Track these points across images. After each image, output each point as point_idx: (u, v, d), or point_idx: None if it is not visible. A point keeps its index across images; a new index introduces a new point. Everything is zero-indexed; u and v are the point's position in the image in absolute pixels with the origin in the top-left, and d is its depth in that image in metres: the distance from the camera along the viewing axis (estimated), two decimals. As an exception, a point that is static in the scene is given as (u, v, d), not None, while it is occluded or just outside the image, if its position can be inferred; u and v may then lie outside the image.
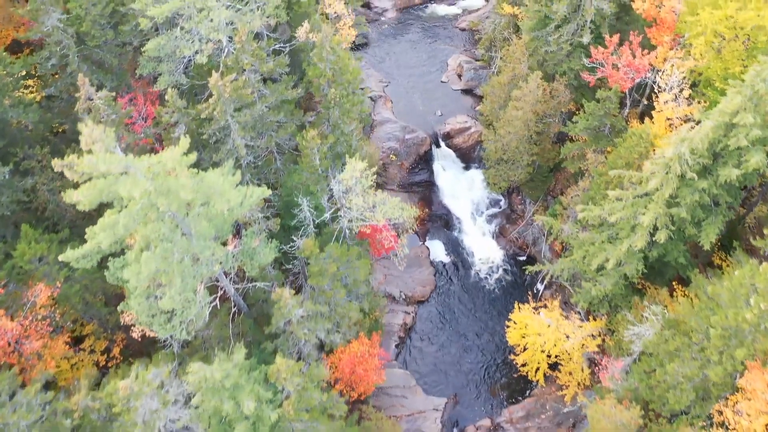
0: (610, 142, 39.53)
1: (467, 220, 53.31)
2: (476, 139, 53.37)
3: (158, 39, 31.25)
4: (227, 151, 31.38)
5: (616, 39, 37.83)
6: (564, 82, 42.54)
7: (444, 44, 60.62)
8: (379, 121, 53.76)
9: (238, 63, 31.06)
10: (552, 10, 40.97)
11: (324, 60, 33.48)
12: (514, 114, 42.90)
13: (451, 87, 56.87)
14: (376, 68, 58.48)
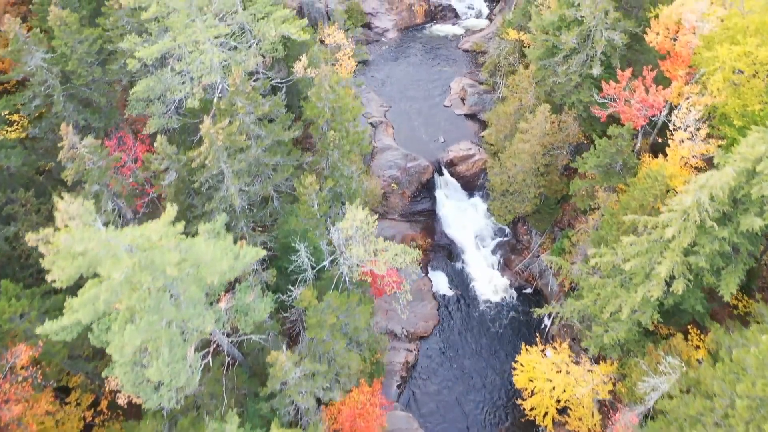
0: (622, 179, 37.84)
1: (471, 251, 51.60)
2: (480, 167, 51.72)
3: (147, 80, 29.55)
4: (220, 198, 29.65)
5: (628, 73, 36.14)
6: (573, 115, 40.84)
7: (446, 66, 58.94)
8: (380, 148, 52.06)
9: (231, 106, 29.34)
10: (560, 40, 39.30)
11: (323, 99, 31.81)
12: (521, 147, 41.20)
13: (453, 112, 55.19)
14: (376, 91, 56.82)
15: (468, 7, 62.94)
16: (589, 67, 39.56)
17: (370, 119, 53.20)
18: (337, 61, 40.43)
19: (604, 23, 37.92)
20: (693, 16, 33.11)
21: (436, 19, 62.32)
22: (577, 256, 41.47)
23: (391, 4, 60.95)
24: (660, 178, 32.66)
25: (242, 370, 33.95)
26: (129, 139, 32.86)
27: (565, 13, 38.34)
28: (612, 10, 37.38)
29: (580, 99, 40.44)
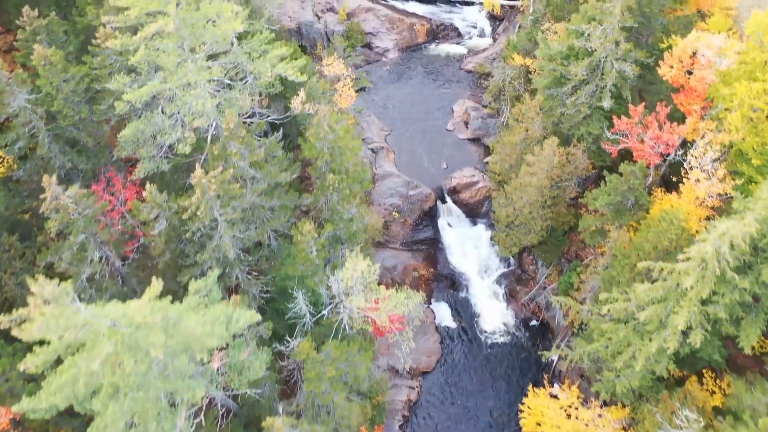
0: (634, 216, 36.28)
1: (475, 280, 50.04)
2: (484, 194, 50.16)
3: (136, 123, 27.99)
4: (213, 247, 28.07)
5: (640, 108, 34.59)
6: (582, 148, 39.29)
7: (449, 88, 57.39)
8: (381, 174, 50.50)
9: (225, 150, 27.78)
10: (569, 70, 37.75)
11: (321, 139, 30.27)
12: (528, 180, 39.63)
13: (456, 136, 53.61)
14: (377, 114, 55.23)
15: (470, 26, 61.41)
16: (598, 98, 38.00)
17: (370, 144, 51.65)
18: (337, 91, 38.88)
19: (614, 54, 36.38)
20: (709, 51, 31.58)
21: (438, 38, 60.78)
22: (587, 293, 39.92)
23: (392, 23, 59.40)
24: (676, 222, 31.09)
25: (238, 421, 32.40)
26: (118, 180, 31.30)
27: (574, 43, 36.80)
28: (623, 40, 35.85)
29: (589, 131, 38.90)
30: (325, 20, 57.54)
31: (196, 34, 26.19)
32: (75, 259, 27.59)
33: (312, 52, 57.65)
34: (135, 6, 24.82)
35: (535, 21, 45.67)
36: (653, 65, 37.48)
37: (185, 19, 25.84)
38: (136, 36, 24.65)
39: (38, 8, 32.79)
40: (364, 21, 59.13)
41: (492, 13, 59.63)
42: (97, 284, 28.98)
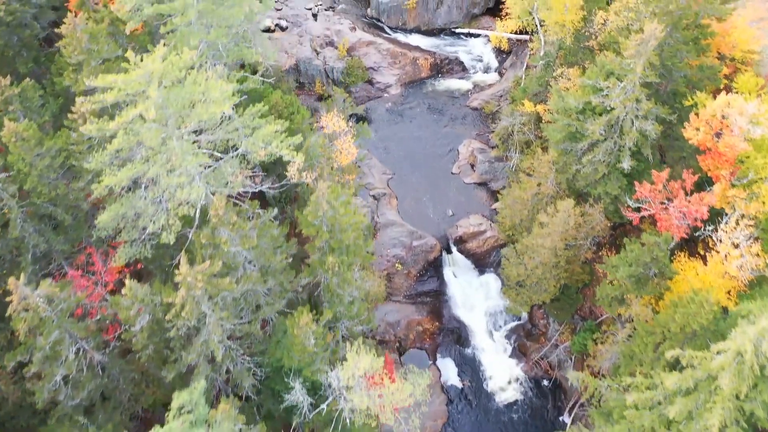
0: (656, 287, 33.66)
1: (483, 335, 47.40)
2: (492, 244, 47.59)
3: (115, 207, 25.39)
4: (201, 343, 25.47)
5: (665, 174, 32.04)
6: (599, 209, 36.73)
7: (454, 126, 54.79)
8: (384, 223, 47.91)
9: (214, 238, 25.19)
10: (585, 127, 35.20)
11: (320, 218, 27.71)
12: (540, 242, 37.08)
13: (462, 180, 51.02)
14: (379, 155, 52.63)
15: (476, 60, 58.83)
16: (617, 158, 35.47)
17: (372, 191, 49.07)
18: (336, 148, 36.33)
19: (634, 112, 33.85)
20: (742, 118, 29.03)
21: (442, 72, 58.19)
22: (605, 361, 37.37)
23: (395, 57, 56.83)
24: (707, 306, 28.49)
25: None
26: (98, 259, 28.72)
27: (591, 100, 34.25)
28: (644, 98, 33.33)
29: (607, 191, 36.32)
30: (324, 56, 55.01)
31: (182, 114, 23.62)
32: (48, 359, 24.98)
33: (310, 90, 55.20)
34: (113, 87, 22.25)
35: (546, 65, 43.15)
36: (676, 122, 34.99)
37: (169, 98, 23.27)
38: (113, 122, 22.06)
39: (14, 68, 30.26)
40: (365, 55, 56.58)
41: (499, 47, 57.06)
42: (73, 381, 26.39)
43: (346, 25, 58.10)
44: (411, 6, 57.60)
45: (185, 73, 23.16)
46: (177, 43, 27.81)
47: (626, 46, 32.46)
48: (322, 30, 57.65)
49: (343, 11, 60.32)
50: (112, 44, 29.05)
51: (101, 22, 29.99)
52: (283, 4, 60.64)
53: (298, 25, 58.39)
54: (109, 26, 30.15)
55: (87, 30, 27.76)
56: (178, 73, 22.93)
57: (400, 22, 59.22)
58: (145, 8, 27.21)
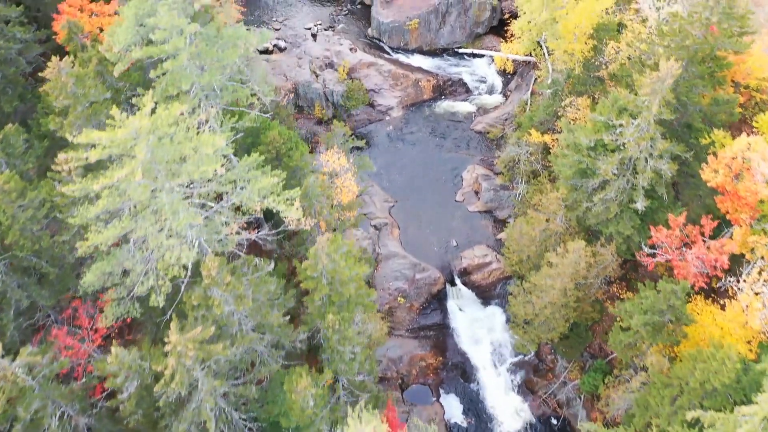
0: (672, 335, 32.08)
1: (488, 370, 45.80)
2: (498, 276, 46.05)
3: (100, 264, 23.84)
4: (193, 410, 23.90)
5: (681, 219, 30.52)
6: (612, 250, 35.16)
7: (457, 150, 53.21)
8: (385, 255, 46.34)
9: (206, 300, 23.64)
10: (597, 165, 33.65)
11: (319, 270, 26.18)
12: (550, 283, 35.54)
13: (467, 208, 49.46)
14: (380, 181, 51.03)
15: (479, 81, 57.28)
16: (629, 196, 33.93)
17: (373, 220, 47.52)
18: (336, 186, 34.78)
19: (649, 150, 32.32)
20: (765, 164, 27.48)
21: (445, 94, 56.63)
22: (617, 410, 35.77)
23: (396, 79, 55.28)
24: (729, 364, 26.93)
25: None
26: (84, 316, 27.17)
27: (603, 138, 32.71)
28: (660, 137, 31.80)
29: (619, 231, 34.77)
30: (323, 78, 53.46)
31: (171, 169, 22.07)
32: (29, 428, 23.43)
33: (310, 113, 53.64)
34: (97, 146, 20.71)
35: (554, 93, 41.58)
36: (692, 159, 33.46)
37: (157, 154, 21.72)
38: (97, 182, 20.52)
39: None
40: (365, 77, 55.03)
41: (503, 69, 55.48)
42: (57, 449, 24.77)
43: (346, 46, 56.56)
44: (413, 27, 56.06)
45: (175, 127, 21.60)
46: (168, 86, 26.28)
47: (641, 83, 30.92)
48: (321, 51, 56.11)
49: (343, 31, 58.79)
50: (100, 87, 27.50)
51: (89, 62, 28.44)
52: (282, 24, 59.13)
53: (297, 46, 56.88)
54: (98, 65, 28.59)
55: (73, 74, 26.20)
56: (167, 129, 21.38)
57: (402, 42, 57.67)
58: (134, 51, 25.67)
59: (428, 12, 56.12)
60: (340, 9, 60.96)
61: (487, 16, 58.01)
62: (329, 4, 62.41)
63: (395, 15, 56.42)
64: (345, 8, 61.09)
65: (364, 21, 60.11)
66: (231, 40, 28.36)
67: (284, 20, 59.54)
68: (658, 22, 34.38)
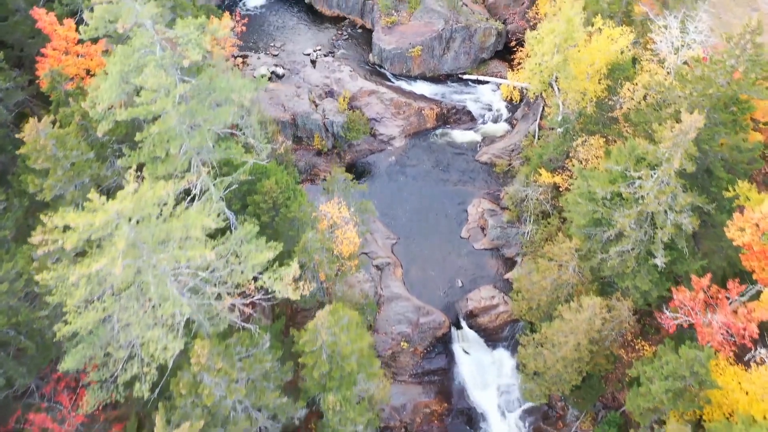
0: (694, 401, 30.14)
1: (496, 416, 43.80)
2: (506, 319, 44.11)
3: (81, 349, 21.87)
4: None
5: (706, 281, 28.59)
6: (628, 305, 33.26)
7: (462, 183, 51.25)
8: (388, 297, 44.37)
9: (196, 386, 21.67)
10: (613, 217, 31.75)
11: (318, 345, 24.24)
12: (563, 339, 33.60)
13: (472, 245, 47.52)
14: (382, 216, 49.03)
15: (485, 108, 55.33)
16: (647, 248, 32.01)
17: (375, 260, 45.56)
18: (337, 237, 32.84)
19: (669, 203, 30.40)
20: (799, 228, 25.57)
21: (449, 123, 54.70)
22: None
23: (398, 107, 53.34)
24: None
25: None
26: (64, 396, 25.20)
27: (620, 190, 30.81)
28: (681, 191, 29.89)
29: (636, 285, 32.86)
30: (323, 108, 51.53)
31: (156, 252, 20.13)
32: None
33: (309, 144, 51.70)
34: (74, 229, 18.76)
35: (565, 132, 39.64)
36: (714, 210, 31.55)
37: (141, 235, 19.79)
38: (74, 271, 18.58)
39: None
40: (366, 106, 53.10)
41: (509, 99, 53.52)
42: None
43: (346, 73, 54.63)
44: (416, 54, 54.12)
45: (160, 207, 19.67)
46: (155, 147, 24.33)
47: (662, 135, 29.01)
48: (321, 78, 54.17)
49: (343, 57, 56.85)
50: (83, 145, 25.58)
51: (71, 118, 26.50)
52: (280, 50, 57.20)
53: (295, 72, 54.94)
54: (81, 120, 26.64)
55: (52, 135, 24.28)
56: (151, 210, 19.45)
57: (404, 69, 55.71)
58: (119, 112, 23.74)
59: (431, 38, 54.18)
60: (340, 33, 59.03)
61: (492, 41, 56.10)
62: (329, 27, 60.52)
63: (397, 42, 54.48)
64: (345, 33, 59.15)
65: (364, 46, 58.15)
66: (224, 93, 26.41)
67: (282, 45, 57.60)
68: (677, 66, 32.46)
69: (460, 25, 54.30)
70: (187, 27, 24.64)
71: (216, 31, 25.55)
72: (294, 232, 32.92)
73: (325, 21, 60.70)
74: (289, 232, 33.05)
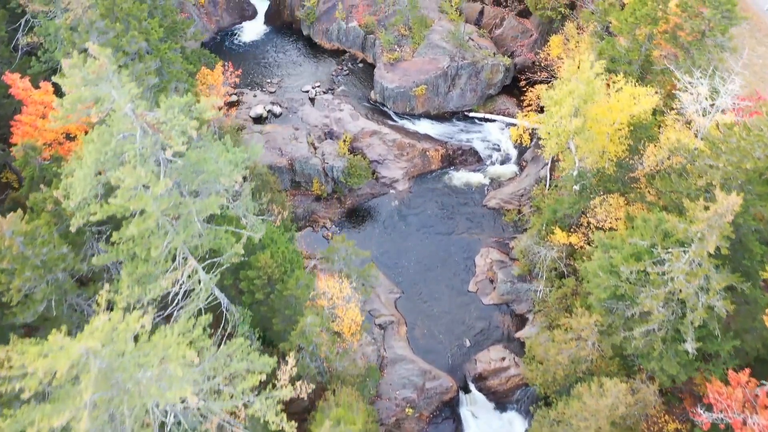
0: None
1: (505, 486, 41.23)
2: (516, 383, 41.43)
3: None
4: None
5: (744, 377, 25.99)
6: (654, 388, 30.65)
7: (469, 230, 48.65)
8: (392, 359, 41.74)
9: None
10: (639, 297, 29.15)
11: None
12: (583, 425, 30.97)
13: (481, 300, 44.90)
14: (385, 267, 46.48)
15: (493, 148, 52.76)
16: (675, 329, 29.40)
17: (377, 318, 42.92)
18: (339, 317, 30.24)
19: (700, 285, 27.81)
20: None
21: (455, 164, 52.12)
22: None
23: (402, 149, 50.75)
24: None
25: None
26: None
27: (646, 268, 28.22)
28: (715, 273, 27.29)
29: (663, 368, 30.24)
30: (322, 151, 48.94)
31: (129, 390, 17.50)
32: None
33: (307, 190, 49.13)
34: (32, 375, 16.14)
35: (581, 189, 37.06)
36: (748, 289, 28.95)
37: (112, 369, 17.17)
38: (32, 429, 15.95)
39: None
40: (368, 147, 50.54)
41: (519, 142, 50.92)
42: None
43: (346, 112, 52.07)
44: (420, 92, 51.55)
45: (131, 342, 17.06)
46: (134, 245, 21.75)
47: (693, 214, 26.42)
48: (320, 118, 51.61)
49: (343, 94, 54.28)
50: (56, 240, 22.97)
51: (43, 204, 23.90)
52: (277, 86, 54.66)
53: (293, 111, 52.38)
54: (54, 207, 24.04)
55: (19, 232, 21.68)
56: (123, 347, 16.84)
57: (408, 107, 53.16)
58: (93, 207, 21.17)
59: (436, 76, 51.61)
60: (340, 68, 56.47)
61: (500, 77, 53.60)
62: (328, 60, 57.98)
63: (400, 80, 51.89)
64: (345, 67, 56.59)
65: (366, 82, 55.59)
66: (213, 175, 23.85)
67: (279, 81, 55.06)
68: (707, 133, 29.90)
69: (466, 61, 51.76)
70: (171, 109, 22.10)
71: (204, 110, 22.95)
72: (291, 311, 30.34)
73: (324, 54, 58.19)
74: (285, 311, 30.49)
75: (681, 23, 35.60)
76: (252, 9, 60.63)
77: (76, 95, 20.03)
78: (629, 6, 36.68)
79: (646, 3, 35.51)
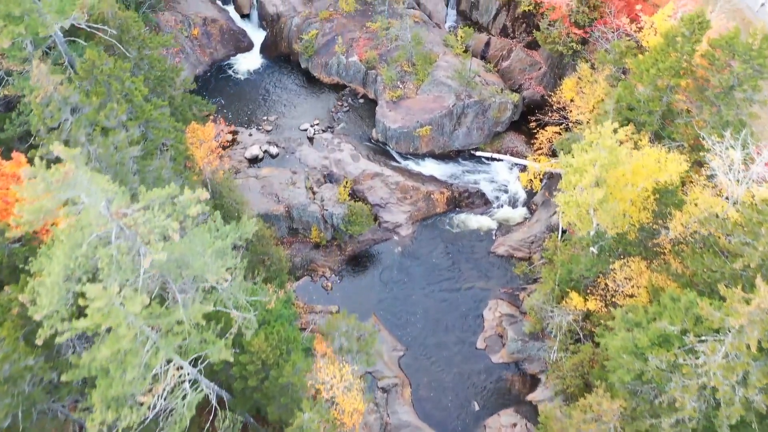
0: None
1: None
2: (529, 452, 38.94)
3: None
4: None
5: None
6: (684, 485, 28.11)
7: (477, 279, 46.10)
8: (396, 425, 39.14)
9: None
10: (668, 387, 26.61)
11: None
12: None
13: (489, 358, 42.34)
14: (387, 321, 43.90)
15: (500, 189, 50.22)
16: (707, 422, 26.87)
17: (380, 380, 40.36)
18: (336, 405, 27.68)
19: (737, 378, 25.28)
20: None
21: (461, 207, 49.59)
22: None
23: (405, 192, 48.25)
24: None
25: None
26: None
27: (677, 359, 25.69)
28: (755, 368, 24.74)
29: (695, 462, 27.73)
30: (321, 197, 46.41)
31: None
32: None
33: (305, 237, 46.58)
34: None
35: (600, 251, 34.56)
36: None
37: None
38: None
39: None
40: (369, 190, 48.04)
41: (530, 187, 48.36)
42: None
43: (347, 152, 49.58)
44: (424, 133, 49.09)
45: None
46: (110, 365, 19.21)
47: (733, 306, 23.87)
48: (319, 159, 49.12)
49: (343, 132, 51.79)
50: (22, 350, 20.43)
51: (8, 307, 21.37)
52: (274, 124, 52.15)
53: (290, 152, 49.86)
54: (21, 308, 21.51)
55: (-22, 347, 19.16)
56: None
57: (411, 147, 50.69)
58: (59, 323, 18.65)
59: (441, 115, 49.12)
60: (340, 105, 53.96)
61: (508, 115, 51.13)
62: (328, 95, 55.46)
63: (403, 119, 49.37)
64: (345, 103, 54.09)
65: (367, 119, 53.06)
66: (199, 271, 21.37)
67: (276, 119, 52.54)
68: (741, 205, 27.40)
69: (472, 99, 49.28)
70: (150, 206, 19.63)
71: (188, 206, 20.44)
72: (287, 400, 27.79)
73: (323, 88, 55.65)
74: (281, 399, 27.93)
75: (707, 75, 33.13)
76: (248, 40, 58.11)
77: (38, 205, 17.51)
78: (650, 56, 34.20)
79: (669, 54, 33.06)
